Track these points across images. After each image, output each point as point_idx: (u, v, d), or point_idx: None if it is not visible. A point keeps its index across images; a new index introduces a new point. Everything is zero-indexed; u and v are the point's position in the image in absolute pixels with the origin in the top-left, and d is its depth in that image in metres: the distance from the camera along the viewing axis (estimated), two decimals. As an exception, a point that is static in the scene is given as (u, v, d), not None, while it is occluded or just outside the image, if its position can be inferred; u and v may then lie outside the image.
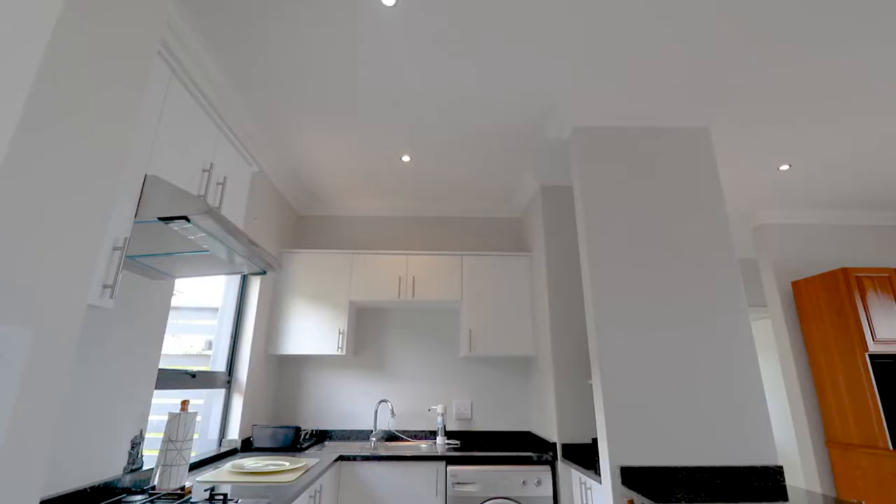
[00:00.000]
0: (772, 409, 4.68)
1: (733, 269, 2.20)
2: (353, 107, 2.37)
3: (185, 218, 1.24)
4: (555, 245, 2.96)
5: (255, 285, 2.91)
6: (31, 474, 0.53)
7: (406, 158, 2.91)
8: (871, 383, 2.96)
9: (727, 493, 1.74)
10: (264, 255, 1.66)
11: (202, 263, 1.65)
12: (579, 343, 2.76)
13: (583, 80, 2.16)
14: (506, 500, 2.48)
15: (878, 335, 3.05)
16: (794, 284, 3.58)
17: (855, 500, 1.58)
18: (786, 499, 1.68)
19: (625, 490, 1.86)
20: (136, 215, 1.28)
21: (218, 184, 1.74)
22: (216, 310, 2.80)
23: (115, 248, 1.20)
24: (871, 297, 3.14)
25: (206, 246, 1.46)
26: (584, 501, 2.28)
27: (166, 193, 1.28)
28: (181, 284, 2.41)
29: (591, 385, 2.67)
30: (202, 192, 1.64)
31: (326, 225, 3.67)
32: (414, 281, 3.13)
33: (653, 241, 2.23)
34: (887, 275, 3.21)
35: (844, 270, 3.20)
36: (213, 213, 1.27)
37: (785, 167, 2.98)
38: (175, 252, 1.53)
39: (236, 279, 2.87)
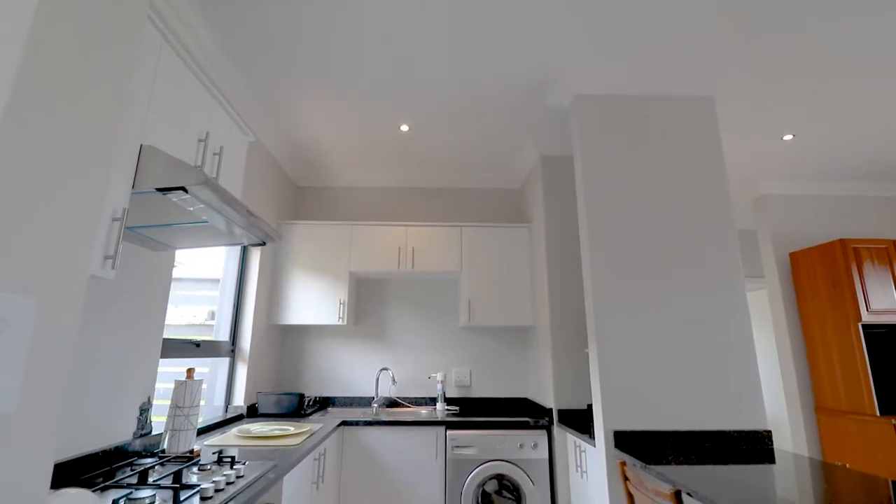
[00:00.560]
0: (763, 378, 4.79)
1: (732, 239, 2.21)
2: (351, 75, 2.32)
3: (183, 189, 1.24)
4: (554, 216, 2.95)
5: (255, 256, 2.92)
6: (45, 438, 0.55)
7: (405, 128, 2.87)
8: (863, 352, 3.02)
9: (716, 456, 1.81)
10: (263, 226, 1.66)
11: (202, 234, 1.66)
12: (577, 313, 2.80)
13: (585, 47, 2.11)
14: (503, 463, 2.58)
15: (873, 306, 3.08)
16: (792, 256, 3.59)
17: (840, 463, 1.64)
18: (773, 461, 1.74)
19: (617, 453, 1.93)
20: (133, 186, 1.27)
21: (214, 154, 1.72)
22: (217, 281, 2.83)
23: (114, 219, 1.20)
24: (868, 269, 3.16)
25: (204, 217, 1.46)
26: (579, 463, 2.37)
27: (163, 164, 1.27)
28: (181, 256, 2.42)
29: (587, 354, 2.73)
30: (199, 163, 1.63)
31: (325, 196, 3.65)
32: (413, 252, 3.14)
33: (653, 210, 2.23)
34: (885, 246, 3.22)
35: (842, 241, 3.20)
36: (211, 184, 1.26)
37: (788, 137, 2.94)
38: (174, 223, 1.53)
39: (236, 250, 2.88)
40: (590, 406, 2.63)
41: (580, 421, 2.55)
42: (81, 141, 0.60)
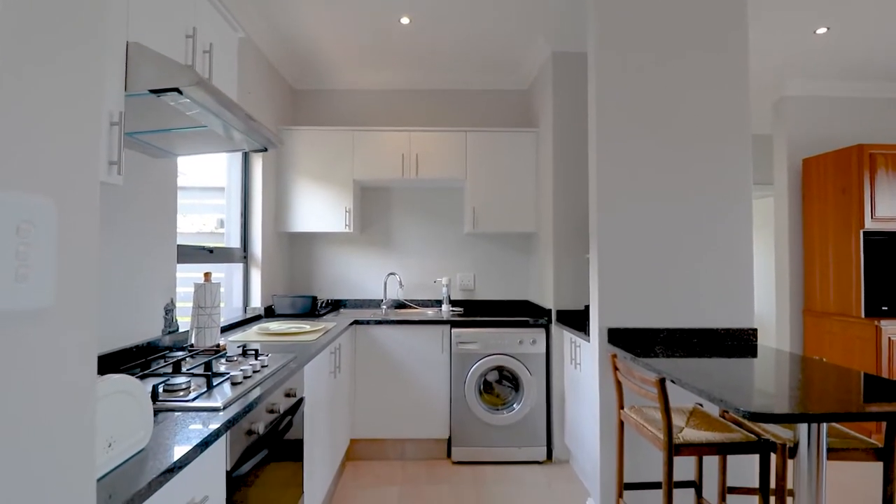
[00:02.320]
0: (757, 284, 4.95)
1: (745, 145, 2.15)
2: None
3: (177, 90, 1.20)
4: (563, 119, 2.84)
5: (257, 164, 2.90)
6: (86, 329, 0.60)
7: (405, 20, 2.65)
8: (860, 258, 3.08)
9: (701, 350, 1.94)
10: (263, 131, 1.63)
11: (201, 140, 1.63)
12: (580, 220, 2.83)
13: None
14: (504, 356, 2.79)
15: (878, 213, 3.08)
16: (806, 161, 3.51)
17: (818, 357, 1.76)
18: (755, 356, 1.87)
19: (610, 347, 2.08)
20: (126, 88, 1.23)
21: (204, 52, 1.62)
22: (223, 189, 2.84)
23: (112, 124, 1.18)
24: (881, 176, 3.10)
25: (202, 121, 1.43)
26: (573, 357, 2.57)
27: (153, 63, 1.21)
28: (185, 166, 2.41)
29: (587, 259, 2.81)
30: (189, 62, 1.55)
31: (324, 100, 3.50)
32: (417, 158, 3.09)
33: (667, 109, 2.14)
34: (903, 151, 3.12)
35: (860, 147, 3.10)
36: (205, 84, 1.22)
37: (822, 30, 2.70)
38: (172, 128, 1.50)
39: (238, 158, 2.84)
40: (587, 307, 2.77)
41: (577, 320, 2.71)
42: (69, 37, 0.58)
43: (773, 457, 1.88)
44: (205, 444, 1.00)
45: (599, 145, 2.13)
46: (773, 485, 1.81)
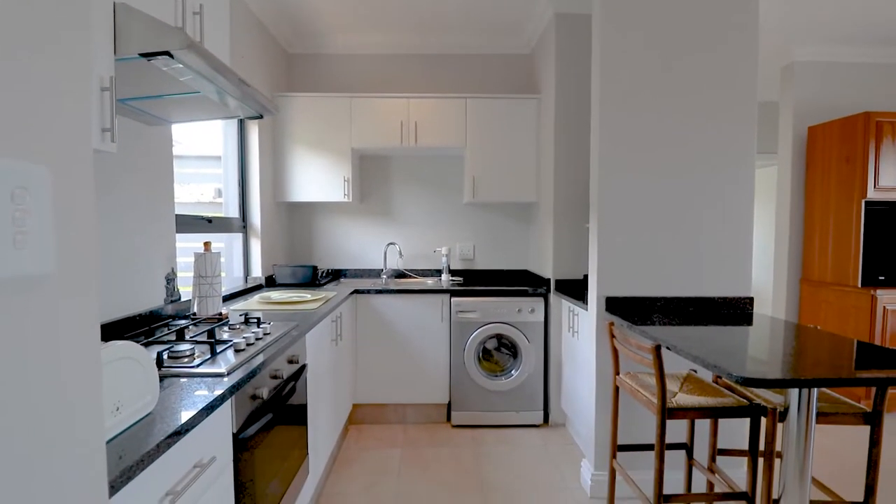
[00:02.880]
0: (756, 253, 4.96)
1: (750, 113, 2.11)
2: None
3: (168, 54, 1.16)
4: (565, 85, 2.78)
5: (253, 132, 2.85)
6: (88, 296, 0.60)
7: (403, -19, 2.55)
8: (860, 227, 3.07)
9: (698, 318, 1.97)
10: (258, 97, 1.59)
11: (195, 107, 1.60)
12: (580, 190, 2.81)
13: None
14: (503, 325, 2.83)
15: (881, 183, 3.05)
16: (811, 129, 3.45)
17: (812, 325, 1.79)
18: (750, 323, 1.90)
19: (607, 315, 2.10)
20: (115, 52, 1.19)
21: (195, 13, 1.57)
22: (219, 158, 2.80)
23: (103, 89, 1.15)
24: (886, 145, 3.05)
25: (195, 87, 1.39)
26: (571, 325, 2.60)
27: (142, 25, 1.17)
28: (180, 135, 2.37)
29: (587, 228, 2.80)
30: (179, 24, 1.50)
31: (320, 65, 3.40)
32: (416, 126, 3.04)
33: (673, 75, 2.09)
34: (911, 120, 3.06)
35: (867, 115, 3.05)
36: (197, 48, 1.18)
37: (837, -11, 2.59)
38: (165, 94, 1.47)
39: (234, 127, 2.80)
40: (586, 276, 2.79)
41: (576, 289, 2.73)
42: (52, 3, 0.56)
43: (763, 421, 1.93)
44: (210, 407, 1.02)
45: (602, 112, 2.09)
46: (762, 447, 1.87)
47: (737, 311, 2.12)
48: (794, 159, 3.52)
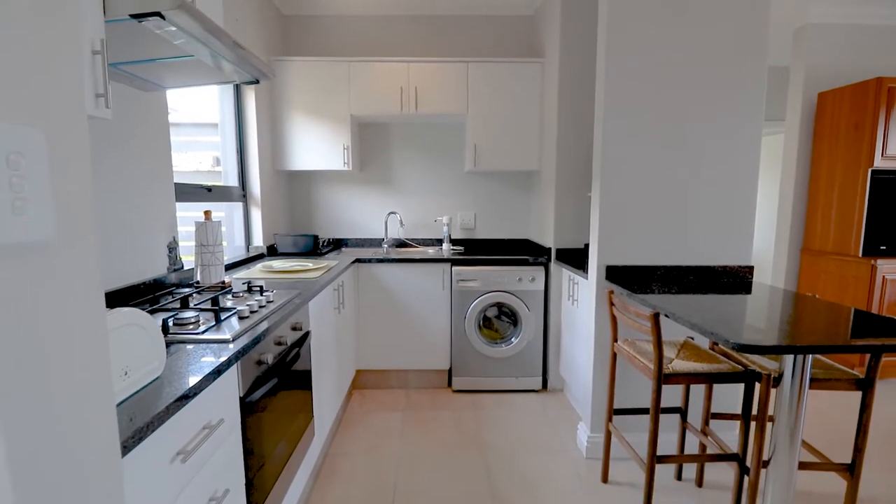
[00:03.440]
0: (757, 223, 4.94)
1: (760, 79, 2.05)
2: None
3: (159, 15, 1.13)
4: (570, 48, 2.69)
5: (250, 98, 2.79)
6: (90, 263, 0.61)
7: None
8: (864, 196, 3.05)
9: (697, 287, 1.98)
10: (253, 61, 1.55)
11: (189, 71, 1.56)
12: (583, 158, 2.77)
13: None
14: (503, 293, 2.86)
15: (889, 151, 3.00)
16: (821, 96, 3.36)
17: (811, 294, 1.80)
18: (749, 292, 1.91)
19: (607, 284, 2.12)
20: (105, 14, 1.15)
21: (186, -28, 1.51)
22: (216, 126, 2.75)
23: (94, 53, 1.12)
24: (897, 111, 2.98)
25: (189, 50, 1.35)
26: (571, 293, 2.62)
27: (131, -17, 1.12)
28: (175, 102, 2.32)
29: (589, 197, 2.78)
30: (171, -17, 1.44)
31: (316, 27, 3.29)
32: (416, 92, 2.97)
33: (681, 43, 2.02)
34: (924, 86, 2.98)
35: (879, 80, 2.96)
36: (189, 8, 1.14)
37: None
38: (158, 58, 1.43)
39: (229, 92, 2.73)
40: (586, 245, 2.78)
41: (576, 258, 2.74)
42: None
43: (757, 386, 1.97)
44: (217, 372, 1.05)
45: (608, 76, 2.03)
46: (754, 412, 1.93)
47: (736, 280, 2.13)
48: (801, 126, 3.45)
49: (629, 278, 2.12)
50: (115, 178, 1.59)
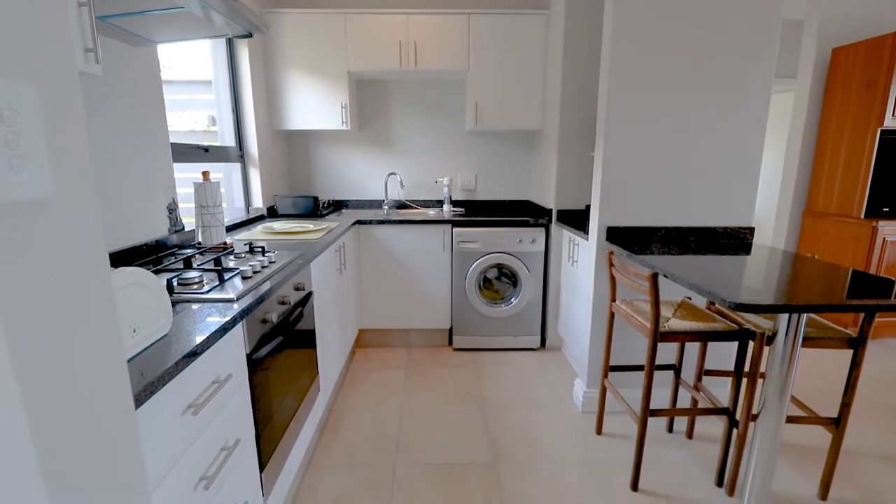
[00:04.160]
0: (760, 185, 4.88)
1: (772, 34, 1.97)
2: None
3: (146, -38, 1.07)
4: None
5: (243, 54, 2.69)
6: (91, 221, 0.61)
7: None
8: (871, 156, 3.00)
9: (697, 248, 1.99)
10: (245, 12, 1.49)
11: (180, 24, 1.50)
12: (586, 118, 2.71)
13: None
14: (504, 255, 2.87)
15: (901, 109, 2.92)
16: (835, 51, 3.24)
17: (810, 255, 1.81)
18: (748, 253, 1.92)
19: (607, 245, 2.12)
20: (87, -40, 1.10)
21: (170, -86, 1.42)
22: (210, 83, 2.68)
23: (80, 4, 1.08)
24: (913, 68, 2.88)
25: (178, 1, 1.30)
26: (571, 254, 2.64)
27: (113, -73, 1.06)
28: (167, 59, 2.24)
29: (592, 157, 2.74)
30: (155, -73, 1.36)
31: (311, -24, 3.13)
32: (416, 46, 2.86)
33: (690, -8, 1.93)
34: (944, 40, 2.86)
35: (895, 35, 2.84)
36: (177, -45, 1.08)
37: None
38: (147, 10, 1.37)
39: (222, 48, 2.64)
40: (588, 207, 2.77)
41: (577, 219, 2.73)
42: None
43: (750, 344, 2.02)
44: (224, 329, 1.07)
45: (615, 31, 1.95)
46: (747, 369, 1.98)
47: (737, 241, 2.13)
48: (813, 84, 3.35)
49: (629, 239, 2.13)
50: (109, 137, 1.57)
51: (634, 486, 1.74)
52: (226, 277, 1.41)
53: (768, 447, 1.53)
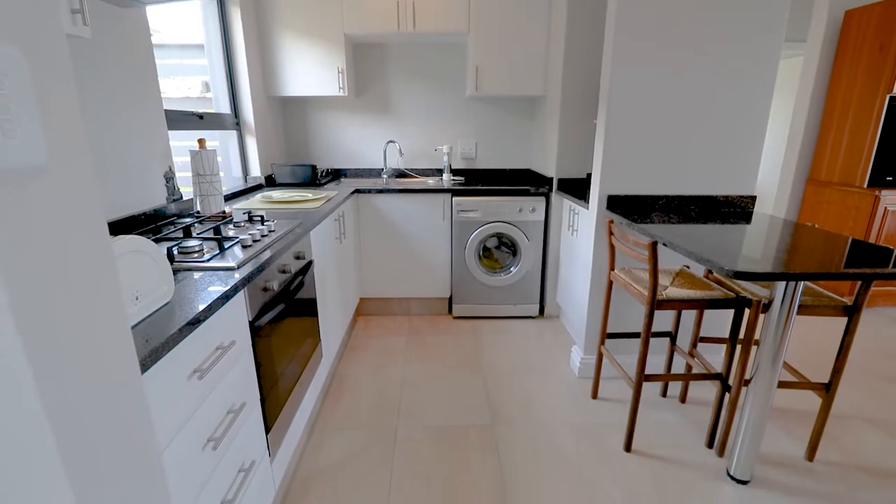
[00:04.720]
0: (765, 151, 4.82)
1: (785, -12, 1.89)
2: None
3: (130, -86, 1.02)
4: (581, -42, 2.46)
5: (235, 16, 2.60)
6: (88, 188, 0.60)
7: None
8: (878, 124, 2.94)
9: (698, 216, 1.98)
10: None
11: (170, -17, 1.44)
12: (590, 84, 2.64)
13: None
14: (503, 224, 2.87)
15: (913, 75, 2.85)
16: (848, 13, 3.13)
17: (810, 224, 1.81)
18: (749, 221, 1.92)
19: (608, 213, 2.12)
20: (68, -88, 1.04)
21: None
22: (202, 47, 2.60)
23: (63, -40, 1.03)
24: (928, 32, 2.79)
25: (166, -42, 1.24)
26: (571, 223, 2.64)
27: None
28: (157, 23, 2.16)
29: (594, 125, 2.69)
30: None
31: (304, -68, 2.98)
32: (414, 7, 2.76)
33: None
34: (964, -2, 2.76)
35: (915, -8, 2.74)
36: None
37: None
38: (134, -33, 1.32)
39: (214, 10, 2.55)
40: (589, 175, 2.75)
41: (578, 188, 2.71)
42: None
43: (746, 312, 2.05)
44: (226, 297, 1.08)
45: (620, -10, 1.88)
46: (741, 335, 2.01)
47: (737, 210, 2.13)
48: (823, 48, 3.25)
49: (630, 208, 2.12)
50: (101, 104, 1.54)
51: (628, 448, 1.80)
52: (226, 246, 1.41)
53: (759, 410, 1.58)
